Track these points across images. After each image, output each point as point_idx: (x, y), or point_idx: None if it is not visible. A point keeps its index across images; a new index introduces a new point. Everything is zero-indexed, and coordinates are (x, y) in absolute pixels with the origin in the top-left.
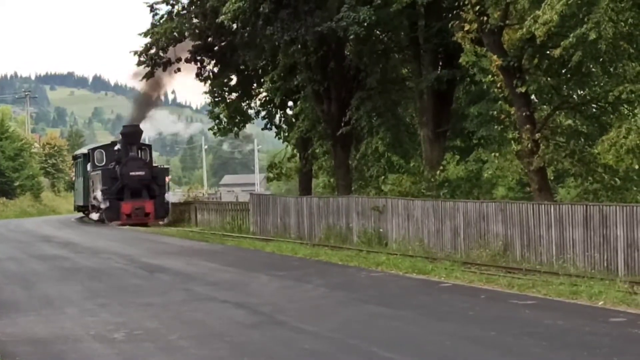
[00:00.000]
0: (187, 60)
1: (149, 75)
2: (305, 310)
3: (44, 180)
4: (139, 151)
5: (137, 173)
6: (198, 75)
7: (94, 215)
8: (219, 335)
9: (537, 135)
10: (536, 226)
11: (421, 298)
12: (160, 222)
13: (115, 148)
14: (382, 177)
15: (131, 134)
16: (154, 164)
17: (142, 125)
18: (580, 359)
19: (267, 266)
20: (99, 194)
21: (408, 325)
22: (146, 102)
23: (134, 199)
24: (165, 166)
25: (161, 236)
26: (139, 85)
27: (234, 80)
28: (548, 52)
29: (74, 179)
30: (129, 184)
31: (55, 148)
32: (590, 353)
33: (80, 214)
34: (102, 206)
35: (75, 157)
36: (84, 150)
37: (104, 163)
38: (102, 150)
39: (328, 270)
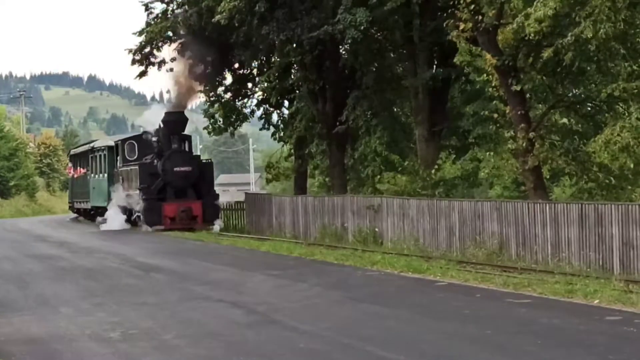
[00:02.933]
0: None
1: (142, 75)
2: (300, 310)
3: (39, 180)
4: (181, 142)
5: (183, 169)
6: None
7: (120, 219)
8: (215, 335)
9: (532, 134)
10: (531, 225)
11: (416, 297)
12: (210, 228)
13: (154, 139)
14: (378, 176)
15: (175, 123)
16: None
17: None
18: (575, 358)
19: (262, 265)
20: (134, 193)
21: (403, 324)
22: (190, 86)
23: (178, 200)
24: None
25: (156, 235)
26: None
27: (229, 79)
28: (543, 51)
29: (76, 175)
30: (173, 181)
31: (51, 148)
32: (585, 351)
33: (73, 214)
34: (139, 208)
35: (93, 150)
36: (108, 141)
37: (135, 157)
38: (134, 142)
39: (323, 270)
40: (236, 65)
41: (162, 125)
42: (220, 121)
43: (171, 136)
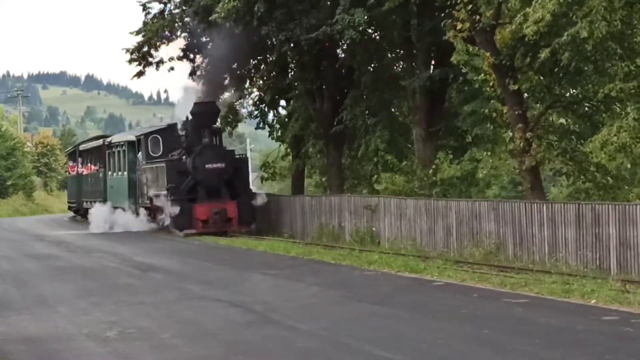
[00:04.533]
0: (180, 59)
1: (140, 74)
2: (298, 309)
3: (36, 179)
4: (212, 136)
5: (215, 165)
6: (191, 74)
7: (142, 221)
8: (212, 334)
9: (529, 134)
10: (529, 225)
11: (414, 297)
12: (244, 230)
13: (182, 133)
14: (376, 175)
15: (205, 114)
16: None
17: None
18: (572, 357)
19: (260, 265)
20: (160, 194)
21: (400, 323)
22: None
23: (211, 200)
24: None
25: (153, 235)
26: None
27: (226, 79)
28: (540, 51)
29: (85, 172)
30: (205, 179)
31: (48, 147)
32: (582, 351)
33: (71, 214)
34: (169, 210)
35: (110, 145)
36: (128, 136)
37: (160, 153)
38: (158, 136)
39: (321, 269)
40: (234, 65)
41: (190, 117)
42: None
43: (201, 129)
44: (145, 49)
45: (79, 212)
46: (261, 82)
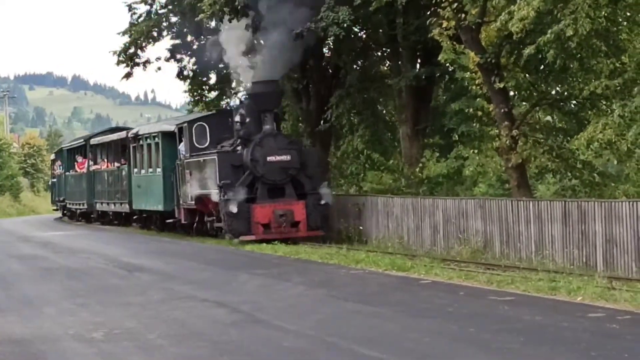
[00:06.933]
0: (167, 60)
1: (128, 76)
2: (284, 309)
3: (23, 180)
4: (274, 123)
5: (279, 158)
6: (178, 74)
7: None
8: (199, 334)
9: (516, 132)
10: (515, 222)
11: (400, 295)
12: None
13: (236, 119)
14: (362, 174)
15: (268, 95)
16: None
17: None
18: (558, 354)
19: (246, 265)
20: (210, 192)
21: (387, 322)
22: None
23: (273, 200)
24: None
25: (140, 236)
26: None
27: (213, 78)
28: (525, 49)
29: (97, 169)
30: (266, 175)
31: (35, 148)
32: (568, 348)
33: (57, 215)
34: (223, 212)
35: (136, 138)
36: (164, 125)
37: (207, 144)
38: (204, 124)
39: (308, 268)
40: (221, 65)
41: (246, 100)
42: None
43: (262, 114)
44: (132, 49)
45: (90, 215)
46: None
